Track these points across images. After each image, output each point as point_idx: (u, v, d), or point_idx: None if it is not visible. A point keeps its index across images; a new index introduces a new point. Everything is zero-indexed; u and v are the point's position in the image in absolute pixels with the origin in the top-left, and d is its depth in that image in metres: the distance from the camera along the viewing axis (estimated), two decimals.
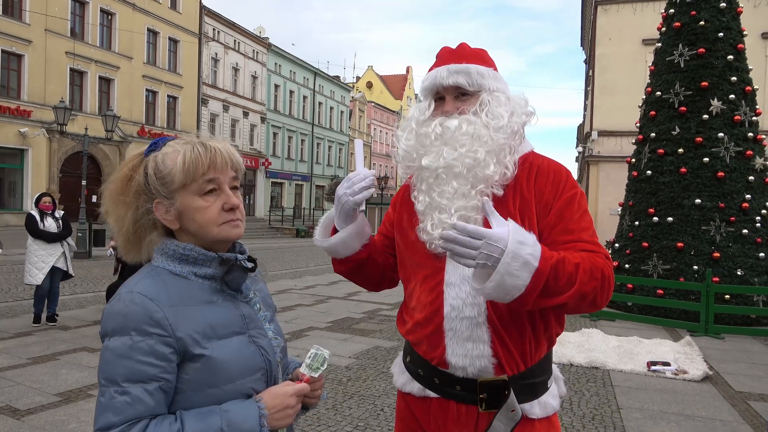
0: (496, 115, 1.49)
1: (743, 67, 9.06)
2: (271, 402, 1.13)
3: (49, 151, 23.95)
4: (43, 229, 6.76)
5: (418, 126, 1.57)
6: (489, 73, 1.54)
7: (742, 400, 4.86)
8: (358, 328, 7.45)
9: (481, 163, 1.45)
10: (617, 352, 6.22)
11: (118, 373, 1.03)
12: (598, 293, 1.34)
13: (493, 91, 1.53)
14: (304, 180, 44.41)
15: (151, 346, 1.04)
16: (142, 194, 1.17)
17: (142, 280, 1.13)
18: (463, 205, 1.45)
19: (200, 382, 1.09)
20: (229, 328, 1.15)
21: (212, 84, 34.12)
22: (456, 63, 1.53)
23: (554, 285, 1.29)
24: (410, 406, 1.60)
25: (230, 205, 1.18)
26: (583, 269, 1.32)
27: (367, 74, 63.15)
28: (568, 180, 1.50)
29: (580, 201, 1.48)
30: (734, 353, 6.60)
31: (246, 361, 1.15)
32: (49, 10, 23.71)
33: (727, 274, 8.15)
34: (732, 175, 8.59)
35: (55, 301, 7.01)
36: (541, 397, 1.49)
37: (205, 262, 1.16)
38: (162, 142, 1.19)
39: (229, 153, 1.20)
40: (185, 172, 1.14)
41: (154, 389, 1.04)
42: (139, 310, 1.06)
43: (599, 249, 1.41)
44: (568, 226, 1.43)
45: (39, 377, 4.82)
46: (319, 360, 1.24)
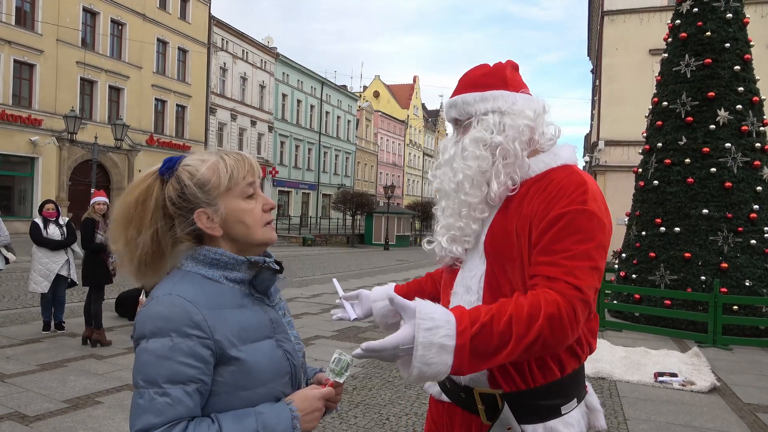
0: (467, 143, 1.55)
1: (750, 78, 9.05)
2: (301, 405, 1.16)
3: (59, 159, 24.18)
4: (46, 236, 6.73)
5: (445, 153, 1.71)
6: (475, 98, 1.55)
7: (751, 412, 4.82)
8: (365, 337, 7.45)
9: (459, 186, 1.53)
10: (624, 363, 6.19)
11: (158, 374, 1.04)
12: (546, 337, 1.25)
13: (481, 115, 1.53)
14: (311, 189, 44.54)
15: (191, 348, 1.06)
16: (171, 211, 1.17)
17: (178, 284, 1.14)
18: (451, 224, 1.55)
19: (234, 384, 1.12)
20: (260, 332, 1.18)
21: (220, 93, 34.40)
22: (452, 96, 1.63)
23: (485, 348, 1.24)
24: (431, 407, 1.66)
25: (269, 205, 1.24)
26: (516, 320, 1.24)
27: (374, 84, 63.42)
28: (572, 195, 1.37)
29: (574, 218, 1.34)
30: (743, 365, 6.55)
31: (276, 365, 1.18)
32: (61, 20, 24.04)
33: (735, 285, 8.10)
34: (739, 185, 8.56)
35: (61, 309, 7.02)
36: (548, 422, 1.40)
37: (235, 266, 1.18)
38: (176, 160, 1.21)
39: (255, 161, 1.26)
40: (229, 176, 1.17)
41: (193, 391, 1.06)
42: (179, 312, 1.08)
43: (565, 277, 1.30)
44: (549, 246, 1.34)
45: (47, 384, 4.86)
46: (342, 365, 1.27)
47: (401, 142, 61.49)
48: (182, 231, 1.17)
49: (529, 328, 1.24)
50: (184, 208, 1.16)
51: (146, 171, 1.23)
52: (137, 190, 1.18)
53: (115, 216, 1.19)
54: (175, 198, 1.16)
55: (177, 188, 1.16)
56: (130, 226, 1.16)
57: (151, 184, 1.18)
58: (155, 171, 1.20)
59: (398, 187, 55.95)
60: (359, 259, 22.97)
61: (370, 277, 15.75)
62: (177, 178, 1.17)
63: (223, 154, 1.20)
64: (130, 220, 1.17)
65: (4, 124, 22.20)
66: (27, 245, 7.02)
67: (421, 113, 67.80)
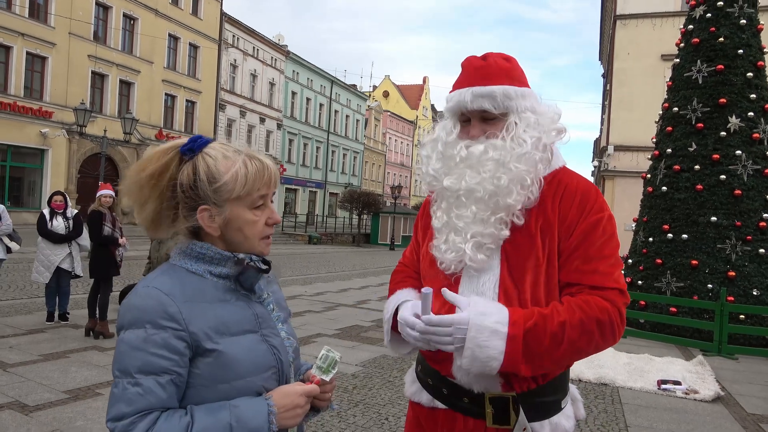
0: (519, 141, 1.44)
1: (763, 85, 8.94)
2: (280, 401, 1.14)
3: (69, 151, 24.35)
4: (50, 229, 6.73)
5: (444, 147, 1.53)
6: (516, 92, 1.46)
7: (755, 423, 4.76)
8: (366, 336, 7.44)
9: (503, 190, 1.41)
10: (627, 369, 6.13)
11: (131, 365, 1.05)
12: (597, 343, 1.34)
13: (521, 112, 1.46)
14: (318, 187, 44.60)
15: (164, 339, 1.07)
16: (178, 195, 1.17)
17: (158, 277, 1.16)
18: (480, 231, 1.43)
19: (211, 377, 1.11)
20: (241, 326, 1.17)
21: (230, 90, 34.51)
22: (481, 85, 1.46)
23: (538, 347, 1.29)
24: (419, 416, 1.58)
25: (274, 220, 1.24)
26: (571, 325, 1.30)
27: (384, 83, 63.42)
28: (596, 202, 1.44)
29: (605, 226, 1.42)
30: (747, 374, 6.48)
31: (257, 359, 1.17)
32: (74, 13, 24.19)
33: (743, 294, 8.02)
34: (749, 193, 8.46)
35: (66, 300, 7.04)
36: (552, 417, 1.44)
37: (221, 262, 1.18)
38: (202, 143, 1.18)
39: (276, 171, 1.24)
40: (245, 186, 1.16)
41: (166, 382, 1.06)
42: (154, 304, 1.09)
43: (611, 283, 1.37)
44: (587, 253, 1.39)
45: (48, 374, 4.87)
46: (329, 362, 1.25)
47: (410, 142, 61.45)
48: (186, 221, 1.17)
49: (583, 333, 1.31)
50: (191, 198, 1.16)
51: (168, 143, 1.21)
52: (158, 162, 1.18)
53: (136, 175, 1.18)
54: (186, 186, 1.16)
55: (191, 177, 1.16)
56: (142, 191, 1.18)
57: (171, 159, 1.17)
58: (177, 146, 1.19)
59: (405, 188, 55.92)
60: (364, 259, 22.97)
61: (375, 276, 15.74)
62: (194, 166, 1.16)
63: (247, 159, 1.18)
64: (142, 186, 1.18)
65: (16, 115, 22.37)
66: (34, 236, 7.05)
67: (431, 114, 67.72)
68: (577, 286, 1.38)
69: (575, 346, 1.31)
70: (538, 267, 1.41)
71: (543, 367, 1.34)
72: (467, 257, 1.42)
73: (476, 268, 1.43)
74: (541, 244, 1.41)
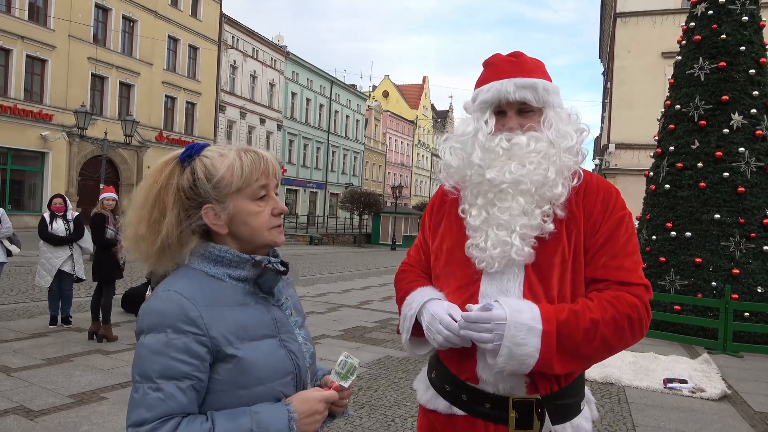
0: (563, 133, 1.45)
1: (765, 81, 8.90)
2: (300, 406, 1.13)
3: (69, 154, 24.36)
4: (50, 231, 6.70)
5: (485, 139, 1.48)
6: (552, 88, 1.49)
7: (762, 421, 4.73)
8: (370, 337, 7.42)
9: (550, 182, 1.41)
10: (633, 368, 6.11)
11: (152, 369, 1.04)
12: (627, 340, 1.35)
13: (556, 107, 1.49)
14: (319, 188, 44.59)
15: (185, 344, 1.06)
16: (183, 200, 1.16)
17: (178, 280, 1.14)
18: (526, 223, 1.41)
19: (231, 382, 1.10)
20: (260, 330, 1.16)
21: (230, 91, 34.51)
22: (522, 77, 1.46)
23: (571, 343, 1.30)
24: (434, 424, 1.54)
25: (279, 210, 1.22)
26: (604, 322, 1.31)
27: (384, 83, 63.40)
28: (617, 200, 1.48)
29: (628, 223, 1.46)
30: (754, 372, 6.46)
31: (276, 364, 1.16)
32: (73, 16, 24.20)
33: (747, 292, 7.99)
34: (753, 190, 8.43)
35: (69, 303, 7.02)
36: (573, 420, 1.44)
37: (239, 264, 1.18)
38: (198, 148, 1.20)
39: (275, 161, 1.23)
40: (242, 177, 1.16)
41: (187, 387, 1.05)
42: (175, 308, 1.08)
43: (636, 279, 1.40)
44: (613, 250, 1.42)
45: (53, 378, 4.86)
46: (348, 368, 1.24)
47: (410, 142, 61.43)
48: (192, 222, 1.16)
49: (616, 329, 1.32)
50: (194, 200, 1.16)
51: (168, 155, 1.22)
52: (161, 175, 1.18)
53: (138, 199, 1.18)
54: (187, 189, 1.16)
55: (190, 179, 1.16)
56: (155, 209, 1.16)
57: (172, 170, 1.18)
58: (175, 156, 1.20)
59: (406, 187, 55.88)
60: (366, 259, 22.96)
61: (377, 276, 15.73)
62: (192, 169, 1.17)
63: (242, 152, 1.18)
64: (154, 203, 1.16)
65: (16, 118, 22.38)
66: (36, 239, 7.04)
67: (430, 114, 67.72)
68: (605, 282, 1.40)
69: (607, 343, 1.33)
70: (564, 263, 1.41)
71: (574, 364, 1.34)
72: (514, 251, 1.39)
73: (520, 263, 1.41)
74: (566, 241, 1.42)
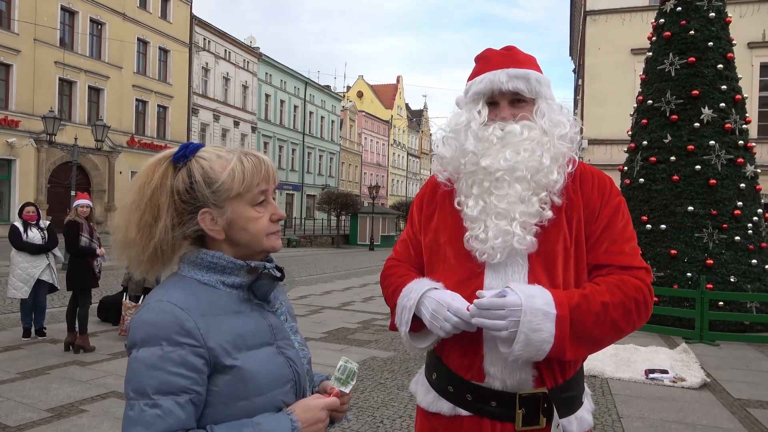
0: (556, 122, 1.46)
1: (733, 76, 9.15)
2: (302, 415, 1.10)
3: (38, 161, 23.74)
4: (26, 240, 6.52)
5: (478, 129, 1.48)
6: (545, 80, 1.51)
7: (742, 408, 4.84)
8: (354, 338, 7.38)
9: (545, 168, 1.41)
10: (614, 360, 6.20)
11: (148, 385, 0.99)
12: (635, 323, 1.36)
13: (548, 99, 1.51)
14: (295, 189, 44.31)
15: (182, 357, 1.01)
16: (177, 203, 1.11)
17: (171, 290, 1.09)
18: (525, 211, 1.40)
19: (231, 394, 1.06)
20: (258, 339, 1.12)
21: (203, 94, 34.05)
22: (515, 67, 1.48)
23: (583, 327, 1.29)
24: (436, 427, 1.51)
25: (278, 216, 1.19)
26: (613, 305, 1.32)
27: (358, 84, 63.33)
28: (612, 187, 1.50)
29: (624, 209, 1.48)
30: (730, 360, 6.61)
31: (276, 373, 1.12)
32: (38, 19, 23.58)
33: (721, 281, 8.18)
34: (724, 182, 8.64)
35: (42, 314, 6.82)
36: (577, 413, 1.44)
37: (233, 271, 1.13)
38: (193, 148, 1.14)
39: (273, 166, 1.19)
40: (244, 182, 1.11)
41: (185, 402, 1.00)
42: (169, 320, 1.03)
43: (638, 263, 1.41)
44: (613, 235, 1.43)
45: (29, 392, 4.70)
46: (348, 373, 1.21)
47: (385, 142, 61.48)
48: (187, 228, 1.11)
49: (624, 312, 1.33)
50: (190, 204, 1.11)
51: (159, 155, 1.16)
52: (153, 175, 1.11)
53: (128, 200, 1.11)
54: (183, 191, 1.10)
55: (186, 182, 1.10)
56: (147, 212, 1.09)
57: (165, 170, 1.12)
58: (169, 156, 1.14)
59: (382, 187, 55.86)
60: (345, 260, 22.88)
61: (357, 277, 15.68)
62: (189, 170, 1.11)
63: (242, 156, 1.14)
64: (146, 205, 1.09)
65: None
66: (5, 250, 6.81)
67: (405, 113, 67.87)
68: (607, 268, 1.41)
69: (617, 326, 1.33)
70: (567, 251, 1.42)
71: (585, 349, 1.35)
72: (516, 240, 1.37)
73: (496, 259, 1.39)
74: (567, 228, 1.42)
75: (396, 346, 6.92)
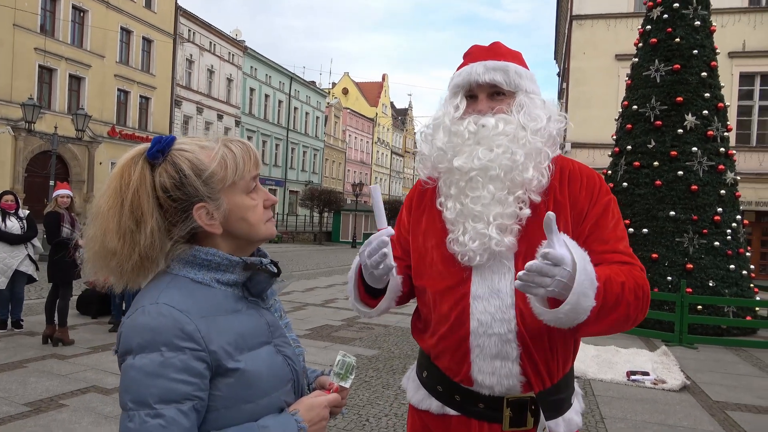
0: (533, 116, 1.41)
1: (716, 84, 9.31)
2: (307, 414, 1.08)
3: (15, 149, 23.18)
4: (4, 230, 6.39)
5: (451, 123, 1.45)
6: (526, 73, 1.48)
7: (721, 410, 4.93)
8: (338, 335, 7.35)
9: (519, 166, 1.36)
10: (596, 362, 6.27)
11: (149, 394, 0.93)
12: (639, 313, 1.31)
13: (529, 93, 1.46)
14: (278, 185, 43.98)
15: (183, 362, 0.96)
16: (166, 202, 1.03)
17: (165, 291, 1.02)
18: (501, 212, 1.36)
19: (234, 397, 1.02)
20: (257, 338, 1.08)
21: (186, 85, 33.60)
22: (493, 60, 1.45)
23: (604, 306, 1.22)
24: (427, 424, 1.52)
25: (271, 201, 1.15)
26: (629, 288, 1.26)
27: (343, 81, 63.10)
28: (602, 185, 1.46)
29: (614, 208, 1.44)
30: (708, 363, 6.73)
31: (277, 372, 1.09)
32: (18, 4, 23.01)
33: (700, 285, 8.33)
34: (705, 188, 8.80)
35: (20, 306, 6.68)
36: (565, 414, 1.44)
37: (229, 268, 1.08)
38: (167, 141, 1.05)
39: (257, 151, 1.15)
40: (237, 169, 1.06)
41: (189, 409, 0.95)
42: (168, 323, 0.97)
43: (635, 261, 1.37)
44: (603, 235, 1.38)
45: (6, 386, 4.59)
46: (347, 368, 1.19)
47: (369, 139, 61.39)
48: (180, 229, 1.04)
49: (636, 298, 1.28)
50: (181, 200, 1.03)
51: (131, 153, 1.06)
52: (130, 176, 1.02)
53: (102, 207, 1.02)
54: (171, 188, 1.02)
55: (174, 177, 1.02)
56: (127, 217, 1.00)
57: (142, 170, 1.03)
58: (142, 153, 1.04)
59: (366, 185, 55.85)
60: (328, 257, 22.81)
61: (340, 275, 15.63)
62: (174, 165, 1.03)
63: (228, 143, 1.08)
64: (127, 210, 1.00)
65: None
66: None
67: (390, 111, 67.83)
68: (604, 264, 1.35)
69: (628, 311, 1.27)
70: None
71: (599, 330, 1.28)
72: (494, 242, 1.34)
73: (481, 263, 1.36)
74: None
75: (380, 344, 6.91)
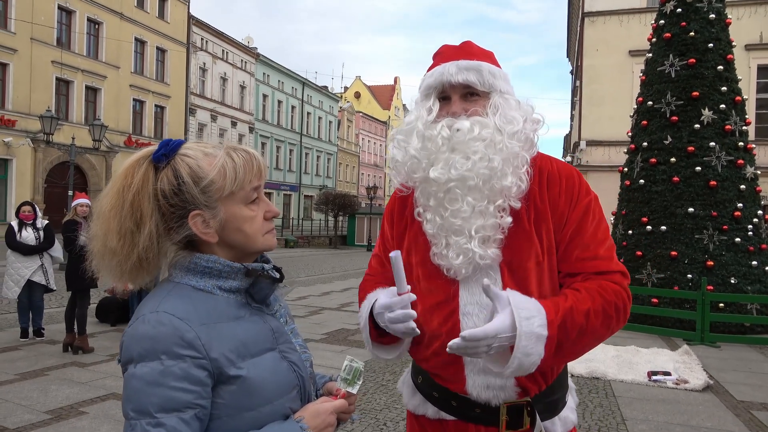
0: (510, 118, 1.36)
1: (733, 78, 9.15)
2: (312, 421, 1.06)
3: (34, 161, 23.62)
4: (19, 240, 6.46)
5: (424, 127, 1.40)
6: (500, 73, 1.43)
7: (746, 410, 4.82)
8: (354, 339, 7.34)
9: (498, 173, 1.32)
10: (616, 362, 6.18)
11: (150, 403, 0.93)
12: (614, 327, 1.33)
13: (504, 93, 1.41)
14: (293, 190, 44.22)
15: (184, 370, 0.95)
16: (164, 207, 1.03)
17: (165, 299, 1.02)
18: (482, 225, 1.33)
19: (237, 405, 1.01)
20: (260, 345, 1.07)
21: (200, 94, 33.95)
22: (465, 59, 1.39)
23: (566, 341, 1.26)
24: (425, 427, 1.51)
25: (272, 213, 1.13)
26: (594, 312, 1.27)
27: (355, 84, 63.29)
28: (581, 185, 1.41)
29: (595, 208, 1.40)
30: (732, 362, 6.60)
31: (281, 379, 1.07)
32: (36, 18, 23.46)
33: (721, 283, 8.17)
34: (724, 183, 8.64)
35: (40, 315, 6.76)
36: (561, 413, 1.44)
37: (230, 274, 1.07)
38: (174, 145, 1.05)
39: (263, 160, 1.13)
40: (236, 179, 1.05)
41: (190, 418, 0.95)
42: (168, 331, 0.96)
43: (614, 266, 1.36)
44: (584, 240, 1.36)
45: (28, 394, 4.65)
46: (354, 373, 1.17)
47: (383, 142, 61.44)
48: (176, 234, 1.04)
49: (605, 318, 1.29)
50: (178, 207, 1.03)
51: (137, 154, 1.06)
52: (133, 178, 1.03)
53: (105, 206, 1.03)
54: (169, 194, 1.02)
55: (173, 183, 1.02)
56: (128, 218, 1.01)
57: (146, 172, 1.03)
58: (148, 155, 1.05)
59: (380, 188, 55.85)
60: (343, 261, 22.83)
61: (356, 278, 15.63)
62: (174, 171, 1.03)
63: (231, 151, 1.07)
64: (127, 211, 1.01)
65: None
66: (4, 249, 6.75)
67: (402, 114, 67.82)
68: (582, 275, 1.35)
69: (597, 333, 1.30)
70: (539, 265, 1.36)
71: (564, 361, 1.35)
72: (477, 256, 1.32)
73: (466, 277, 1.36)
74: (538, 241, 1.36)
75: None
